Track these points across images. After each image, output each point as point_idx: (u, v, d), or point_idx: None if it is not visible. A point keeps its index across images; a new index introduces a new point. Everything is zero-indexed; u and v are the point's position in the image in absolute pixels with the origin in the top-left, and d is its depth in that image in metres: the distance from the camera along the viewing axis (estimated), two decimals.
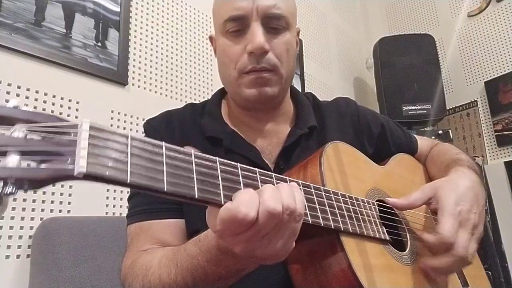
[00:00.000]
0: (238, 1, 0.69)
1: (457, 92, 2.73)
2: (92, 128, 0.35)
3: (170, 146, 0.40)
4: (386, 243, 0.64)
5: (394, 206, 0.69)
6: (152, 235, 0.68)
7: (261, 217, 0.40)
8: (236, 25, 0.70)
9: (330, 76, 2.64)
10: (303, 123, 0.79)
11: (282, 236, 0.43)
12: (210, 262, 0.49)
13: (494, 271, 1.79)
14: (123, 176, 0.35)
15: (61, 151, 0.33)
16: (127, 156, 0.36)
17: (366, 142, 0.85)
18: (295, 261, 0.60)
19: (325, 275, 0.56)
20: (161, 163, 0.38)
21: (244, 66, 0.71)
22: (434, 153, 0.92)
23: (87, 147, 0.33)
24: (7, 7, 1.10)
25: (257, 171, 0.47)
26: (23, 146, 0.32)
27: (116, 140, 0.36)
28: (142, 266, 0.61)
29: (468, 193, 0.68)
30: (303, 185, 0.54)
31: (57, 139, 0.34)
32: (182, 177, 0.39)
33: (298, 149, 0.76)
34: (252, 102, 0.74)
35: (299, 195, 0.45)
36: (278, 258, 0.46)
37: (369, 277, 0.55)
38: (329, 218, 0.54)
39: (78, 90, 1.25)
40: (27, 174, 0.31)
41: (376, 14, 3.35)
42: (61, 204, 1.13)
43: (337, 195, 0.59)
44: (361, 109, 0.90)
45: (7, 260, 1.01)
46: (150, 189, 0.37)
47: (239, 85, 0.73)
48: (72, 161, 0.33)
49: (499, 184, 2.34)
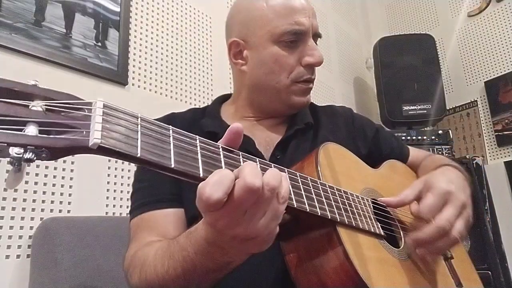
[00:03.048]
0: (299, 17, 0.77)
1: (457, 92, 2.73)
2: (106, 106, 0.38)
3: (176, 130, 0.43)
4: (381, 238, 0.65)
5: (386, 204, 0.71)
6: (153, 226, 0.70)
7: (239, 192, 0.40)
8: (294, 38, 0.78)
9: (330, 76, 2.64)
10: (300, 120, 0.84)
11: (264, 213, 0.44)
12: (198, 254, 0.51)
13: (494, 271, 1.79)
14: (133, 150, 0.37)
15: (77, 125, 0.35)
16: (137, 133, 0.39)
17: (360, 143, 0.87)
18: (292, 253, 0.60)
19: (323, 266, 0.56)
20: (168, 143, 0.41)
21: (300, 75, 0.79)
22: (426, 162, 0.95)
23: (101, 121, 0.36)
24: (7, 7, 1.10)
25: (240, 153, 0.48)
26: (41, 118, 0.34)
27: (127, 119, 0.39)
28: (140, 257, 0.63)
29: (456, 180, 0.72)
30: (301, 176, 0.55)
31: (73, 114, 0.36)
32: (187, 157, 0.42)
33: (294, 141, 0.81)
34: (297, 109, 0.84)
35: (285, 181, 0.45)
36: (261, 241, 0.46)
37: (365, 268, 0.56)
38: (326, 208, 0.55)
39: (78, 90, 1.23)
40: (46, 142, 0.33)
41: (376, 14, 3.35)
42: (61, 204, 1.13)
43: (332, 188, 0.60)
44: (356, 115, 0.96)
45: (7, 260, 1.01)
46: (158, 165, 0.39)
47: (289, 92, 0.80)
48: (87, 133, 0.35)
49: (499, 184, 2.34)
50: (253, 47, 0.80)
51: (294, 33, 0.77)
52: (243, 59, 0.82)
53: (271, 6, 0.78)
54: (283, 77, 0.79)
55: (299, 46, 0.79)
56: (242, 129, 0.48)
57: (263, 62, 0.79)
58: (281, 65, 0.78)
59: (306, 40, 0.79)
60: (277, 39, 0.77)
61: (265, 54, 0.79)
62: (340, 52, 2.83)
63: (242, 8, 0.83)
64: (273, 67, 0.79)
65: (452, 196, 0.66)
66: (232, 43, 0.83)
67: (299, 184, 0.54)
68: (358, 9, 3.27)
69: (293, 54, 0.78)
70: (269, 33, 0.77)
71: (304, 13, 0.78)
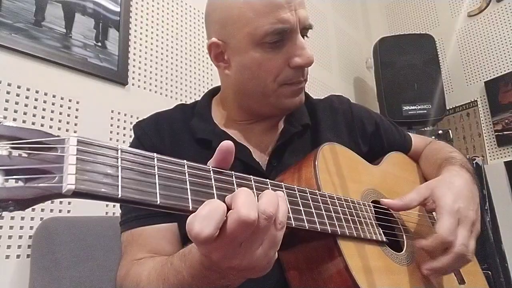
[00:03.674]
0: (282, 13, 0.66)
1: (457, 92, 2.73)
2: (80, 143, 0.33)
3: (161, 157, 0.39)
4: (383, 245, 0.64)
5: (389, 207, 0.68)
6: (144, 243, 0.67)
7: (232, 226, 0.38)
8: (278, 38, 0.67)
9: (330, 76, 2.64)
10: (296, 121, 0.79)
11: (261, 243, 0.41)
12: (195, 278, 0.48)
13: (494, 271, 1.79)
14: (114, 192, 0.34)
15: (48, 168, 0.31)
16: (118, 170, 0.35)
17: (360, 140, 0.84)
18: (292, 266, 0.59)
19: (323, 279, 0.56)
20: (153, 175, 0.37)
21: (288, 78, 0.70)
22: (428, 151, 0.92)
23: (75, 162, 0.32)
24: (7, 7, 1.10)
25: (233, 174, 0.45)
26: (7, 164, 0.30)
27: (106, 154, 0.35)
28: (133, 279, 0.61)
29: (464, 191, 0.68)
30: (299, 190, 0.53)
31: (43, 155, 0.32)
32: (175, 188, 0.38)
33: (291, 146, 0.76)
34: (290, 110, 0.76)
35: (283, 204, 0.43)
36: (260, 269, 0.44)
37: (368, 279, 0.55)
38: (326, 222, 0.54)
39: (78, 90, 1.25)
40: (12, 194, 0.30)
41: (376, 14, 3.35)
42: (61, 204, 1.13)
43: (332, 198, 0.58)
44: (354, 106, 0.90)
45: (7, 260, 1.01)
46: (142, 203, 0.36)
47: (278, 96, 0.72)
48: (60, 178, 0.31)
49: (499, 184, 2.34)
50: (234, 51, 0.71)
51: (278, 33, 0.66)
52: (225, 61, 0.73)
53: (249, 2, 0.66)
54: (269, 81, 0.70)
55: (285, 45, 0.68)
56: (233, 147, 0.45)
57: (246, 67, 0.70)
58: (266, 70, 0.69)
59: (293, 38, 0.69)
60: (259, 41, 0.67)
61: (247, 58, 0.69)
62: (340, 52, 2.83)
63: (217, 6, 0.72)
64: (258, 72, 0.69)
65: (462, 216, 0.64)
66: (211, 45, 0.73)
67: (297, 199, 0.52)
68: (358, 9, 3.26)
69: (278, 55, 0.68)
70: (250, 35, 0.67)
71: (287, 7, 0.67)
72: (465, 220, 0.64)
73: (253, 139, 0.77)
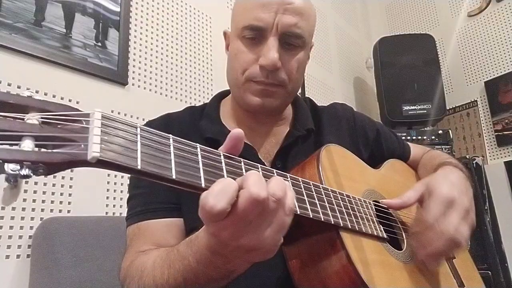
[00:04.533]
0: (260, 12, 0.70)
1: (457, 92, 2.73)
2: (104, 117, 0.36)
3: (176, 138, 0.42)
4: (384, 241, 0.65)
5: (388, 206, 0.70)
6: (149, 236, 0.68)
7: (243, 203, 0.39)
8: (253, 34, 0.71)
9: (330, 76, 2.64)
10: (301, 126, 0.81)
11: (270, 224, 0.43)
12: (200, 263, 0.49)
13: (494, 271, 1.79)
14: (134, 163, 0.36)
15: (74, 138, 0.34)
16: (137, 144, 0.38)
17: (362, 147, 0.86)
18: (295, 258, 0.60)
19: (326, 270, 0.56)
20: (169, 153, 0.40)
21: (253, 75, 0.72)
22: (425, 159, 0.95)
23: (100, 134, 0.35)
24: (7, 7, 1.10)
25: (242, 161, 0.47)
26: (37, 132, 0.33)
27: (127, 130, 0.38)
28: (138, 267, 0.61)
29: (457, 184, 0.71)
30: (303, 181, 0.54)
31: (70, 126, 0.35)
32: (189, 166, 0.41)
33: (295, 149, 0.78)
34: (254, 109, 0.76)
35: (290, 191, 0.44)
36: (266, 252, 0.45)
37: (368, 272, 0.56)
38: (329, 213, 0.55)
39: (78, 90, 1.25)
40: (42, 157, 0.32)
41: (376, 14, 3.35)
42: (61, 204, 1.13)
43: (335, 193, 0.60)
44: (357, 114, 0.93)
45: (7, 260, 1.01)
46: (159, 176, 0.38)
47: (245, 90, 0.74)
48: (85, 146, 0.34)
49: (499, 184, 2.34)
50: (230, 41, 0.79)
51: (251, 29, 0.71)
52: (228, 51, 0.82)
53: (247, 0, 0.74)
54: (239, 73, 0.74)
55: (261, 44, 0.71)
56: (243, 135, 0.47)
57: (230, 56, 0.78)
58: (239, 61, 0.73)
59: (266, 38, 0.71)
60: (240, 34, 0.73)
61: (231, 48, 0.77)
62: (340, 52, 2.83)
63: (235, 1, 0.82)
64: (233, 62, 0.75)
65: (456, 202, 0.65)
66: (224, 35, 0.83)
67: (302, 189, 0.53)
68: (358, 9, 3.27)
69: (252, 52, 0.72)
70: (235, 28, 0.75)
71: (268, 8, 0.70)
72: (458, 207, 0.65)
73: (259, 140, 0.79)
